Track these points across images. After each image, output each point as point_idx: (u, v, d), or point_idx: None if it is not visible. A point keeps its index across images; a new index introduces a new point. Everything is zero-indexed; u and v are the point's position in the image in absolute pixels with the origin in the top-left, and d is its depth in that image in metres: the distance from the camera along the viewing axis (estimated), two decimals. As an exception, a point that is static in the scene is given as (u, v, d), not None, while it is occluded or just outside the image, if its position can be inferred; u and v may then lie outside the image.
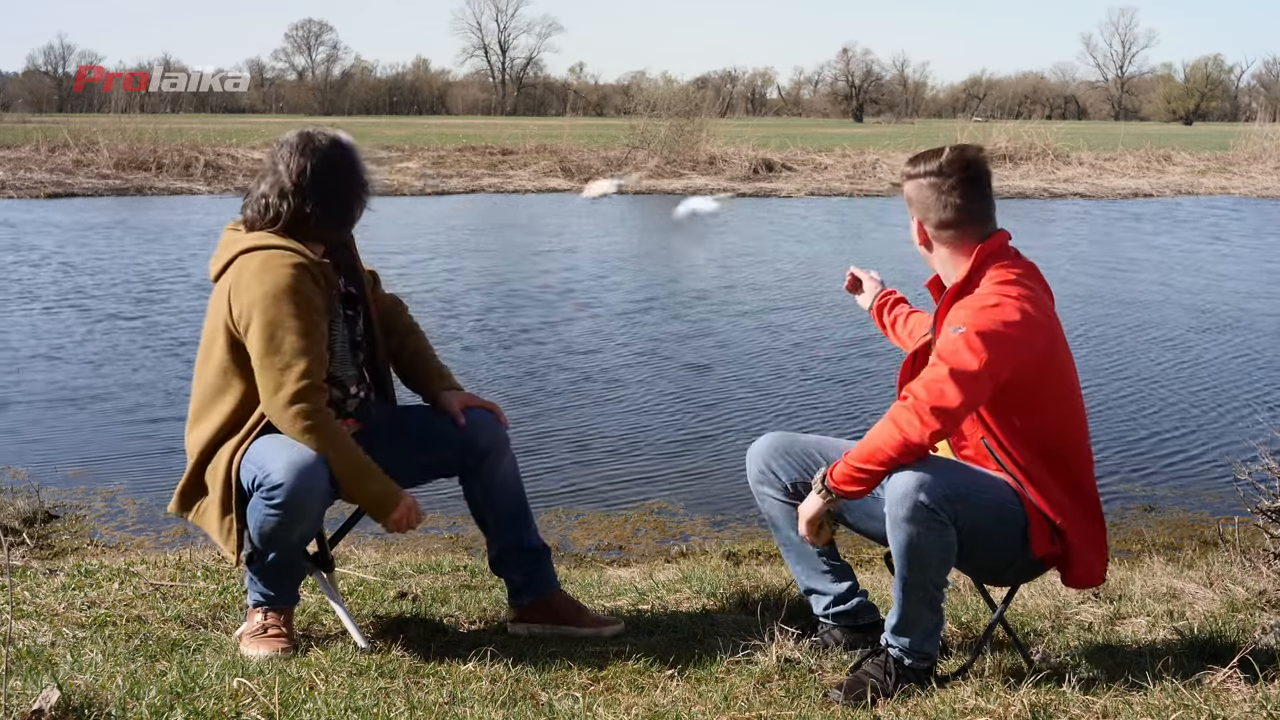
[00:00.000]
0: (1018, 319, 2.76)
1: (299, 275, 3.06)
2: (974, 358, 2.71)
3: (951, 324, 2.81)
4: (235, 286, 3.08)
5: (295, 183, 3.14)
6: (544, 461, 6.62)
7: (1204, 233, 19.49)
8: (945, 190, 2.90)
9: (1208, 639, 3.35)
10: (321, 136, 3.22)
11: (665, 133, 29.43)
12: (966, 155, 2.92)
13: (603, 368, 8.94)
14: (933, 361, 2.78)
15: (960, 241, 2.92)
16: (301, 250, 3.11)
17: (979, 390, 2.73)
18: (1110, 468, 6.57)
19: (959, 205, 2.89)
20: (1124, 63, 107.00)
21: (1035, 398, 2.83)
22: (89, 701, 2.45)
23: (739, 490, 6.00)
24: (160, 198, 23.39)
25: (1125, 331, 10.60)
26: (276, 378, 3.01)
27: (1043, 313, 2.84)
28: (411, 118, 79.96)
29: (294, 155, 3.17)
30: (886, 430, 2.76)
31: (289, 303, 3.02)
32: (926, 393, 2.72)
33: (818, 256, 15.78)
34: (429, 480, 3.45)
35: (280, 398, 3.01)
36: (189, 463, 3.19)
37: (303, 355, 3.01)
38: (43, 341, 9.58)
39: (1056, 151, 31.83)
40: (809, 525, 2.91)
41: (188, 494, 3.21)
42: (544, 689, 2.88)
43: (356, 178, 3.21)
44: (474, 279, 13.32)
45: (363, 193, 3.23)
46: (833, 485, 2.83)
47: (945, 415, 2.71)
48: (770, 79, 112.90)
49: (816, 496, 2.88)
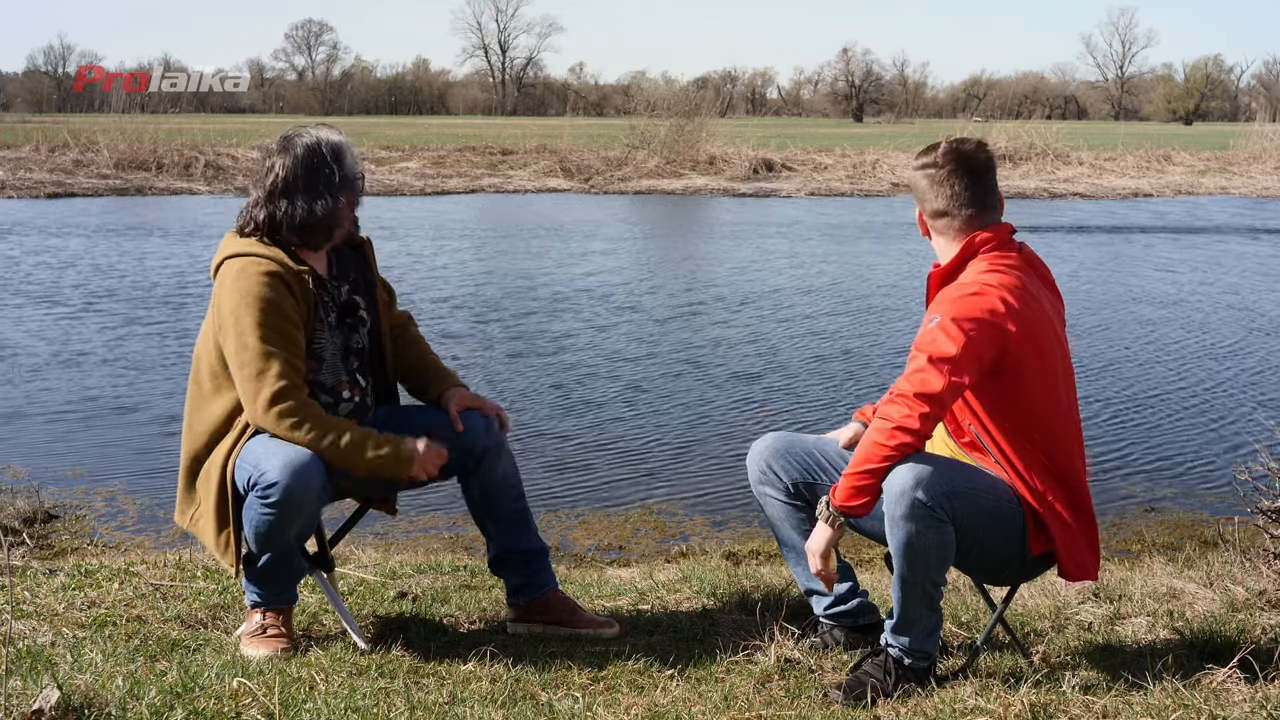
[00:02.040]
0: (993, 305, 2.80)
1: (270, 283, 3.06)
2: (950, 342, 2.75)
3: (931, 315, 2.86)
4: (216, 295, 3.13)
5: (269, 186, 3.15)
6: (544, 461, 6.62)
7: (1205, 234, 19.49)
8: (939, 181, 2.97)
9: (1207, 639, 3.35)
10: (301, 138, 3.20)
11: (665, 133, 29.46)
12: (961, 148, 2.99)
13: (603, 368, 8.94)
14: (912, 354, 2.82)
15: (953, 230, 2.98)
16: (276, 257, 3.11)
17: (960, 372, 2.75)
18: (1110, 468, 6.57)
19: (950, 195, 2.96)
20: (1124, 63, 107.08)
21: (1016, 385, 2.84)
22: (89, 701, 2.45)
23: (739, 490, 6.01)
24: (160, 198, 23.40)
25: (1125, 331, 10.60)
26: (252, 387, 3.03)
27: (1027, 301, 2.85)
28: (411, 118, 79.99)
29: (270, 158, 3.19)
30: (879, 428, 2.78)
31: (257, 310, 3.03)
32: (909, 383, 2.77)
33: (816, 254, 15.79)
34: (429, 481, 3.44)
35: (258, 405, 3.02)
36: (181, 465, 3.20)
37: (272, 360, 3.01)
38: (42, 341, 9.58)
39: (1056, 151, 31.86)
40: (822, 559, 2.88)
41: (183, 500, 3.22)
42: (544, 689, 2.88)
43: (329, 179, 3.16)
44: (476, 279, 13.32)
45: (334, 193, 3.17)
46: (837, 505, 2.83)
47: (931, 400, 2.74)
48: (770, 79, 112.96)
49: (824, 526, 2.86)
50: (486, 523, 3.42)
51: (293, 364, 3.06)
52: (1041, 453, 2.88)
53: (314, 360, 3.19)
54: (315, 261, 3.24)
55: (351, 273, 3.34)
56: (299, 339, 3.10)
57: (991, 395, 2.86)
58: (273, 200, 3.15)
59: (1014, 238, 2.99)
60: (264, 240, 3.15)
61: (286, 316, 3.07)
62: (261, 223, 3.15)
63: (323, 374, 3.22)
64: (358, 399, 3.29)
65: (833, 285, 13.07)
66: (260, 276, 3.06)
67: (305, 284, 3.13)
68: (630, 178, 27.45)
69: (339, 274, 3.31)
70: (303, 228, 3.16)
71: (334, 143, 3.21)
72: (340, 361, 3.27)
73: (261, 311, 3.03)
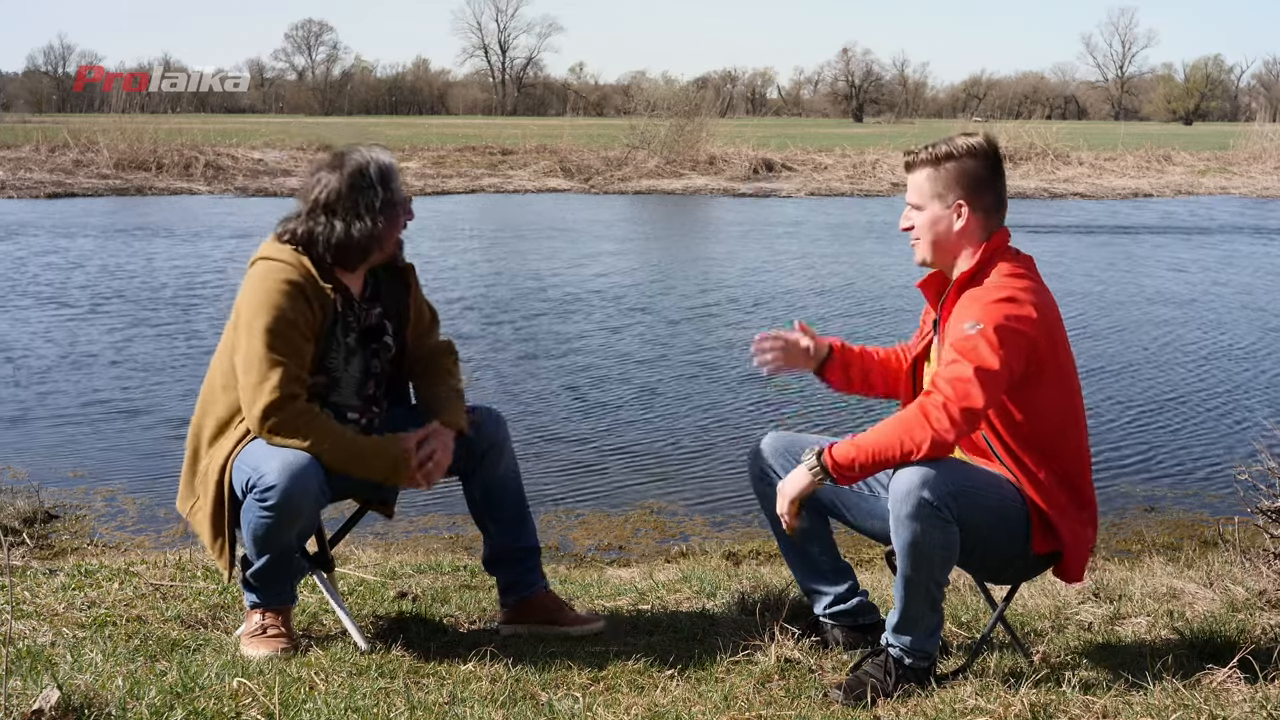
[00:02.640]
0: (1030, 314, 2.77)
1: (288, 292, 3.06)
2: (994, 355, 2.71)
3: (964, 319, 2.80)
4: (240, 294, 3.15)
5: (313, 201, 3.14)
6: (544, 462, 6.63)
7: (1205, 234, 19.49)
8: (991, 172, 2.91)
9: (1207, 639, 3.35)
10: (353, 156, 3.18)
11: (665, 133, 29.46)
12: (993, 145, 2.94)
13: (607, 368, 8.94)
14: (953, 358, 2.75)
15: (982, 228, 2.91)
16: (305, 269, 3.10)
17: (1000, 388, 2.74)
18: (1110, 468, 6.58)
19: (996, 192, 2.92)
20: (1124, 63, 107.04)
21: (1034, 391, 2.83)
22: (89, 701, 2.45)
23: (739, 490, 6.01)
24: (160, 198, 23.40)
25: (1125, 331, 10.60)
26: (250, 394, 3.03)
27: (1049, 308, 2.85)
28: (411, 118, 80.00)
29: (319, 171, 3.18)
30: (916, 424, 2.73)
31: (270, 317, 3.03)
32: (953, 390, 2.71)
33: (825, 254, 15.78)
34: None
35: (253, 414, 3.03)
36: (186, 453, 3.22)
37: (274, 370, 3.01)
38: (49, 342, 9.58)
39: (1056, 151, 31.86)
40: (791, 504, 2.87)
41: (185, 488, 3.23)
42: (544, 689, 2.88)
43: (371, 202, 3.14)
44: (486, 279, 13.32)
45: (375, 217, 3.15)
46: (831, 464, 2.80)
47: (973, 415, 2.72)
48: (770, 79, 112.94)
49: (806, 473, 2.84)
50: (486, 521, 3.42)
51: (296, 375, 3.05)
52: (1054, 458, 2.87)
53: (326, 378, 3.18)
54: (351, 281, 3.23)
55: (385, 296, 3.32)
56: (307, 351, 3.09)
57: (1011, 401, 2.83)
58: (314, 215, 3.14)
59: None
60: (299, 251, 3.14)
61: (298, 328, 3.06)
62: (299, 236, 3.14)
63: (336, 395, 3.22)
64: (364, 421, 3.28)
65: (846, 285, 13.07)
66: (281, 284, 3.06)
67: (327, 300, 3.12)
68: (630, 178, 27.46)
69: (372, 296, 3.29)
70: (339, 247, 3.14)
71: (383, 165, 3.19)
72: (357, 385, 3.26)
73: (274, 319, 3.03)
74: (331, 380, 3.20)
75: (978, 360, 2.71)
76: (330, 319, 3.15)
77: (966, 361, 2.72)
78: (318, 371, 3.16)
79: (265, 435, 3.03)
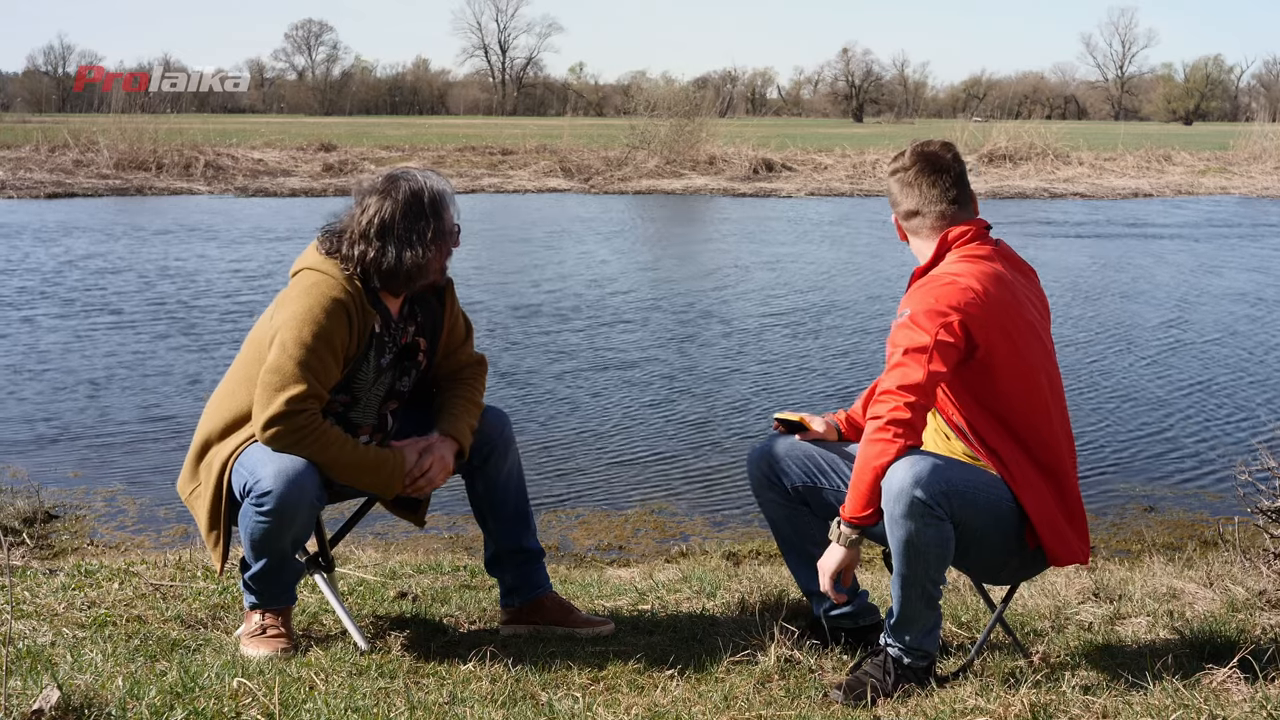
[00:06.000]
0: (959, 291, 2.83)
1: (332, 311, 3.04)
2: (922, 333, 2.79)
3: (901, 309, 2.90)
4: (282, 297, 3.13)
5: (364, 226, 3.11)
6: (544, 462, 6.62)
7: (1207, 234, 19.50)
8: (908, 182, 3.04)
9: (1207, 639, 3.35)
10: (407, 182, 3.15)
11: (665, 133, 29.45)
12: (925, 149, 3.05)
13: (603, 368, 8.94)
14: (889, 351, 2.86)
15: (926, 229, 3.03)
16: (353, 291, 3.08)
17: (936, 360, 2.78)
18: (1110, 467, 6.58)
19: (919, 195, 3.02)
20: (1124, 63, 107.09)
21: (989, 372, 2.86)
22: (89, 701, 2.45)
23: (739, 490, 6.01)
24: (160, 198, 23.40)
25: (1125, 330, 10.61)
26: (264, 398, 3.01)
27: (1000, 289, 2.87)
28: (411, 118, 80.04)
29: (369, 196, 3.15)
30: (872, 429, 2.81)
31: (309, 330, 3.01)
32: (890, 379, 2.81)
33: (836, 257, 15.79)
34: None
35: (259, 418, 3.01)
36: (194, 439, 3.22)
37: (295, 384, 2.99)
38: (41, 342, 9.58)
39: (1056, 151, 31.84)
40: (830, 579, 2.87)
41: (188, 472, 3.24)
42: (544, 689, 2.88)
43: (423, 231, 3.12)
44: (476, 279, 13.33)
45: (426, 246, 3.12)
46: (849, 518, 2.83)
47: (915, 389, 2.77)
48: (770, 79, 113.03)
49: (839, 548, 2.86)
50: (488, 520, 3.42)
51: (315, 393, 3.03)
52: (1020, 441, 2.90)
53: (348, 396, 3.18)
54: (392, 303, 3.22)
55: (420, 314, 3.31)
56: (334, 371, 3.07)
57: (963, 382, 2.89)
58: (365, 240, 3.11)
59: (989, 233, 3.01)
60: (345, 269, 3.12)
61: (333, 347, 3.04)
62: (350, 257, 3.11)
63: (355, 412, 3.22)
64: (374, 442, 3.28)
65: (846, 285, 13.07)
66: (328, 301, 3.05)
67: (369, 323, 3.12)
68: (630, 178, 27.45)
69: (408, 314, 3.28)
70: (388, 274, 3.13)
71: (437, 192, 3.17)
72: (376, 404, 3.26)
73: (313, 334, 3.01)
74: (354, 399, 3.20)
75: (906, 342, 2.81)
76: (366, 344, 3.14)
77: (897, 348, 2.83)
78: (341, 390, 3.15)
79: (265, 442, 3.03)
